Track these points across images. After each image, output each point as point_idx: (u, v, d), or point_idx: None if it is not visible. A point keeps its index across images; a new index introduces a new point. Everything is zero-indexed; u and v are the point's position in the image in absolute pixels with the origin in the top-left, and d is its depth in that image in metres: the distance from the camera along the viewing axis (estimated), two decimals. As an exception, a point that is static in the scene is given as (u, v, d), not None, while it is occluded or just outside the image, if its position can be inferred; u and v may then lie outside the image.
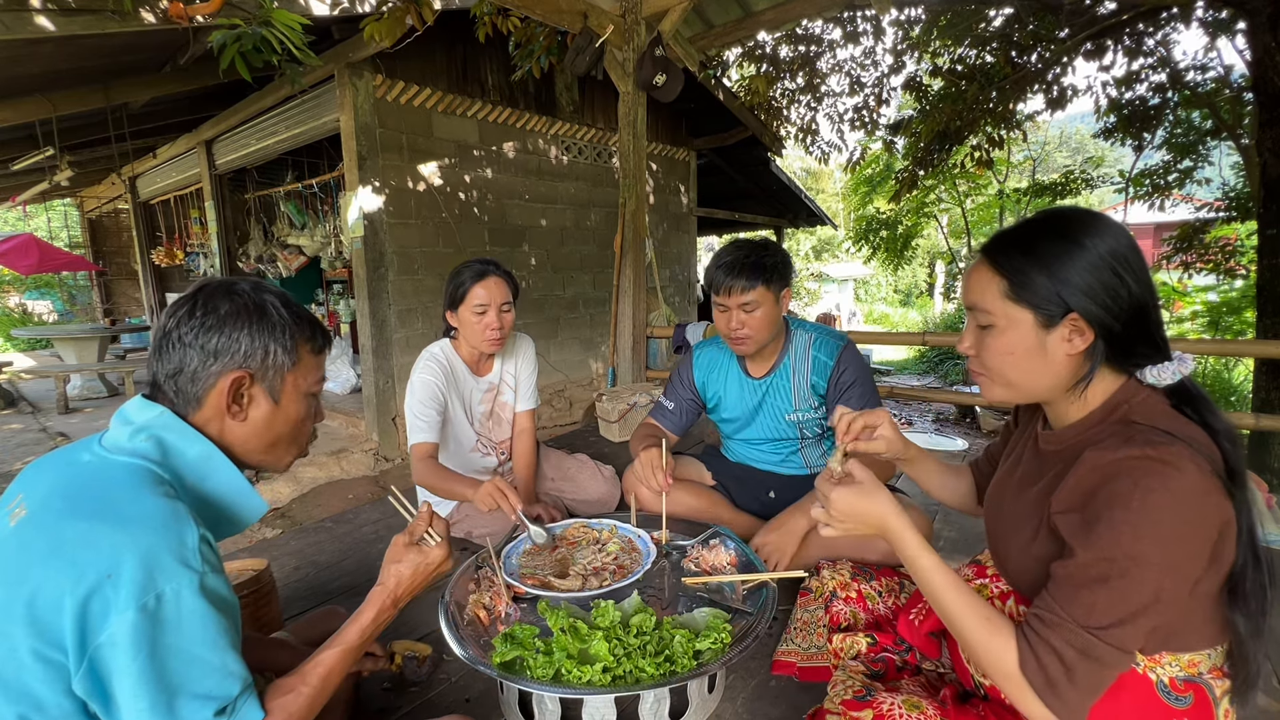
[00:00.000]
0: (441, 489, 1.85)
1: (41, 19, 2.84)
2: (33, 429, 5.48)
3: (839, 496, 0.94)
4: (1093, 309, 0.81)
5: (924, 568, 0.88)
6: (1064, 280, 0.82)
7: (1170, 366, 0.82)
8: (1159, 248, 7.39)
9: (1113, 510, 0.74)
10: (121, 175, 7.58)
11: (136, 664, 0.68)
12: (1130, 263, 0.81)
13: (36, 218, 15.47)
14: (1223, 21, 4.80)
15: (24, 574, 0.70)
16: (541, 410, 4.41)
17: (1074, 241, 0.82)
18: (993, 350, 0.89)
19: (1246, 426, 3.17)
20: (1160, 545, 0.72)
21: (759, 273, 1.67)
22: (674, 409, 2.02)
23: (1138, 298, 0.81)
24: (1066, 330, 0.84)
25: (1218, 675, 0.81)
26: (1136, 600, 0.73)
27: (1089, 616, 0.75)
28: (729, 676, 1.35)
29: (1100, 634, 0.74)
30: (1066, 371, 0.86)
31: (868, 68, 6.31)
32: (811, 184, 23.35)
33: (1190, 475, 0.72)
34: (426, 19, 2.95)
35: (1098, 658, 0.74)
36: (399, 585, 0.99)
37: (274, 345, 0.89)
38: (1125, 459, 0.75)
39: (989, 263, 0.89)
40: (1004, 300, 0.86)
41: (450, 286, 1.98)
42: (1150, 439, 0.76)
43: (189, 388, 0.86)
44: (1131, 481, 0.73)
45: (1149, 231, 15.78)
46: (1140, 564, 0.72)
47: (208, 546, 0.77)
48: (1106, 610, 0.74)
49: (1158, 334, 0.83)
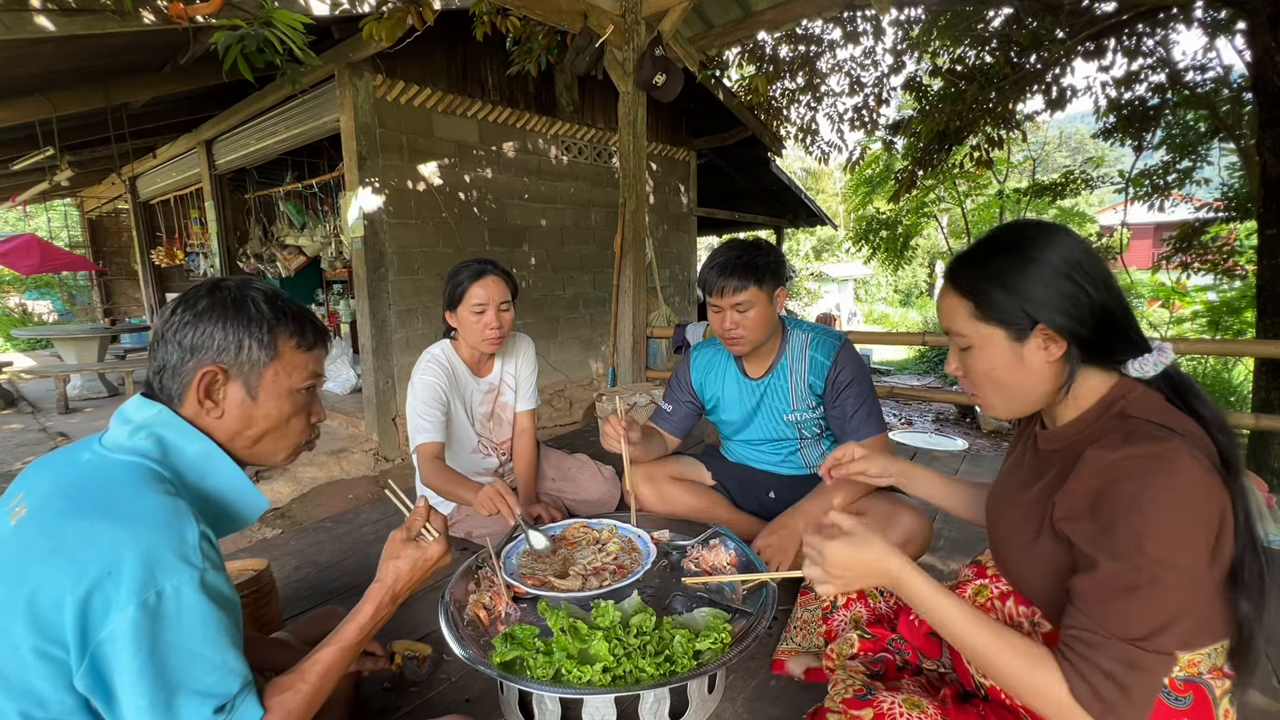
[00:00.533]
0: (444, 491, 1.86)
1: (41, 19, 2.84)
2: (33, 429, 5.48)
3: (833, 551, 0.89)
4: (1057, 318, 0.83)
5: (940, 609, 0.85)
6: (1023, 295, 0.84)
7: (1150, 358, 0.83)
8: (1159, 248, 7.40)
9: (1128, 515, 0.74)
10: (121, 175, 7.58)
11: (137, 660, 0.68)
12: (1085, 268, 0.83)
13: (36, 218, 15.47)
14: (1222, 21, 4.79)
15: (25, 572, 0.70)
16: (541, 410, 4.41)
17: (1026, 256, 0.84)
18: (976, 370, 0.91)
19: (1246, 426, 3.17)
20: (1181, 544, 0.72)
21: (751, 273, 1.67)
22: (672, 412, 2.02)
23: (1098, 301, 0.82)
24: (1039, 340, 0.85)
25: (1217, 675, 0.81)
26: (1172, 604, 0.73)
27: (1128, 629, 0.74)
28: (729, 676, 1.35)
29: (1143, 644, 0.73)
30: (1050, 378, 0.87)
31: (867, 68, 6.30)
32: (811, 184, 23.36)
33: (1191, 470, 0.73)
34: (427, 19, 2.95)
35: (1147, 669, 0.74)
36: (397, 581, 0.98)
37: (248, 340, 0.88)
38: (1126, 459, 0.75)
39: (952, 287, 0.91)
40: (974, 321, 0.89)
41: (448, 287, 1.98)
42: (1149, 434, 0.76)
43: (171, 384, 0.87)
44: (1138, 484, 0.74)
45: (1149, 231, 15.80)
46: (1168, 567, 0.72)
47: (208, 544, 0.77)
48: (1144, 619, 0.73)
49: (1130, 330, 0.84)
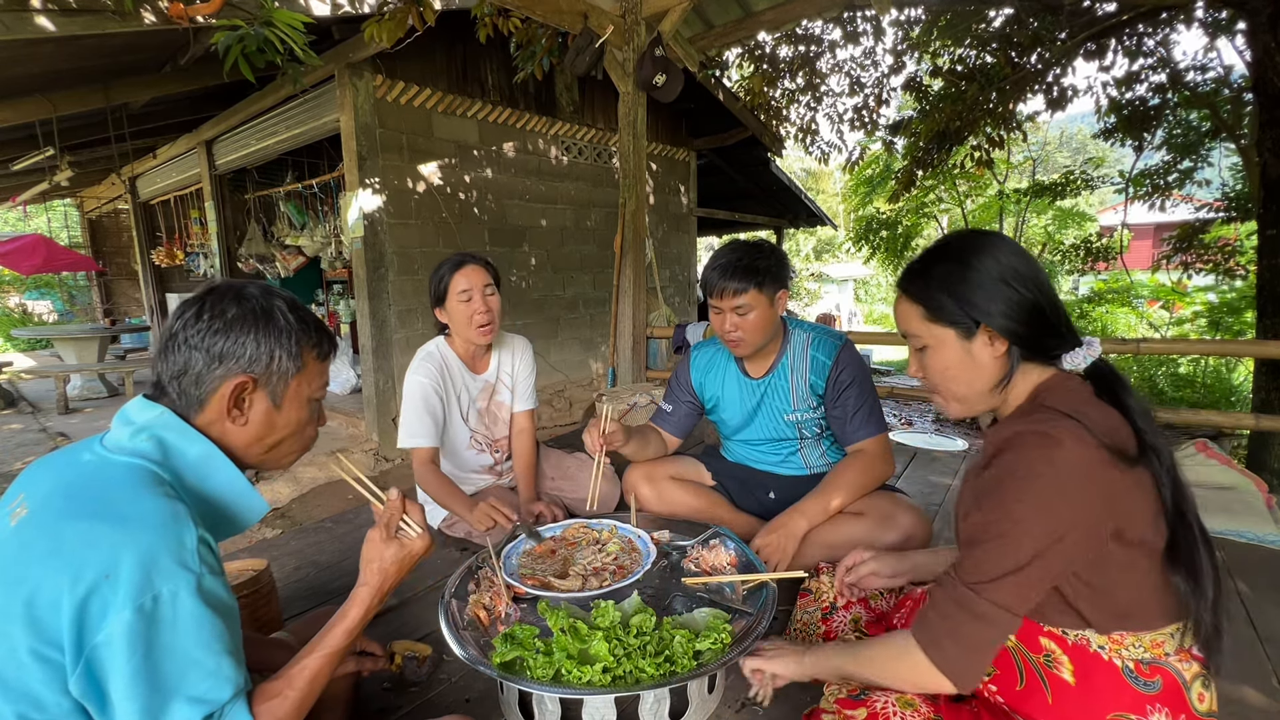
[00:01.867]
0: (440, 502, 1.89)
1: (41, 19, 2.84)
2: (33, 429, 5.48)
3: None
4: (995, 319, 0.90)
5: (832, 665, 1.00)
6: (963, 298, 0.92)
7: (1080, 352, 0.90)
8: (1159, 248, 7.39)
9: (1000, 479, 0.82)
10: (121, 175, 7.58)
11: (130, 664, 0.68)
12: (1019, 270, 0.90)
13: (36, 218, 15.45)
14: (1222, 22, 4.80)
15: (24, 573, 0.70)
16: (541, 410, 4.41)
17: (963, 263, 0.92)
18: (933, 369, 0.98)
19: (1246, 427, 3.18)
20: (1038, 511, 0.78)
21: (751, 275, 1.66)
22: (673, 412, 2.02)
23: (1031, 301, 0.90)
24: (985, 337, 0.92)
25: (1185, 658, 0.83)
26: (1012, 559, 0.80)
27: (971, 574, 0.83)
28: (729, 677, 1.35)
29: (978, 588, 0.82)
30: (999, 373, 0.93)
31: (867, 68, 6.31)
32: (811, 184, 23.35)
33: (1071, 449, 0.78)
34: (427, 19, 2.95)
35: (979, 614, 0.82)
36: (384, 583, 0.96)
37: (279, 351, 0.89)
38: (1014, 434, 0.83)
39: (904, 293, 1.00)
40: (926, 323, 0.96)
41: (432, 284, 1.99)
42: (1046, 418, 0.83)
43: (192, 390, 0.86)
44: (1016, 454, 0.81)
45: (1149, 232, 15.77)
46: (1017, 525, 0.79)
47: (207, 548, 0.77)
48: (985, 567, 0.82)
49: (1061, 326, 0.91)
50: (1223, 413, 3.56)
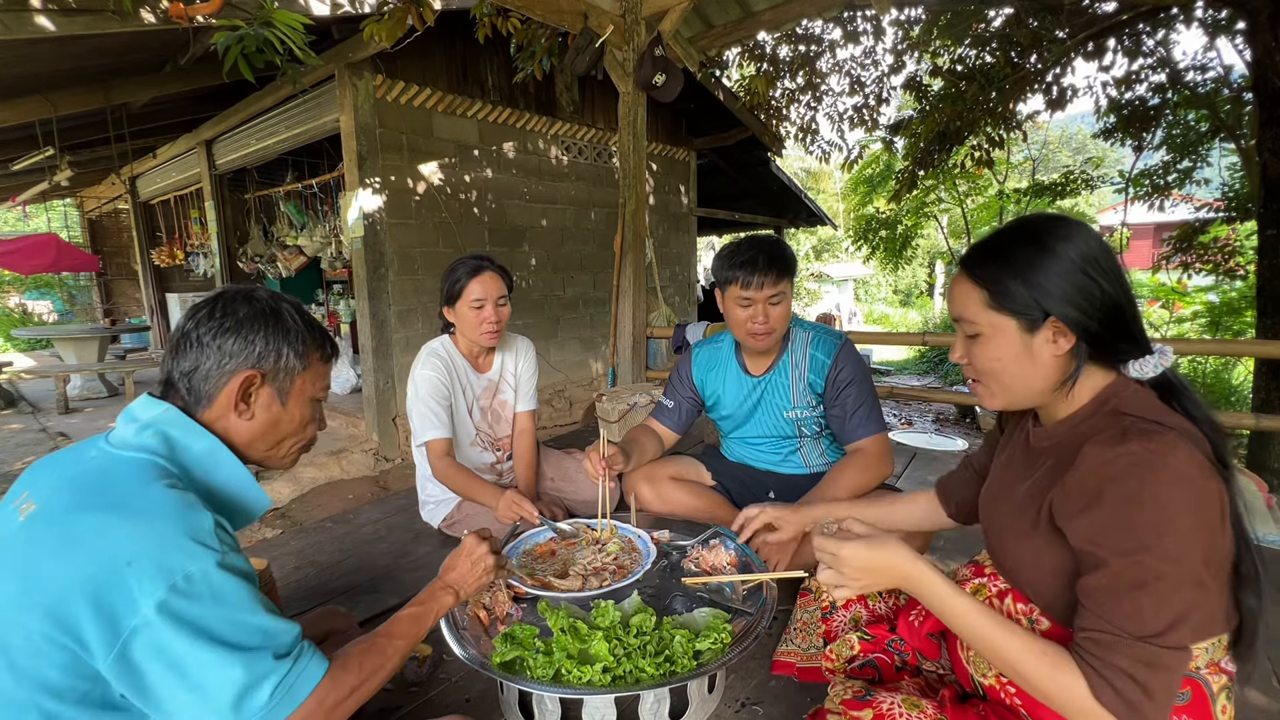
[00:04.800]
0: (464, 492, 1.93)
1: (41, 19, 2.84)
2: (33, 429, 5.48)
3: (851, 553, 0.87)
4: (1070, 312, 0.83)
5: (960, 613, 0.84)
6: (1039, 286, 0.84)
7: (1151, 360, 0.84)
8: (1159, 248, 7.39)
9: (1129, 512, 0.74)
10: (121, 175, 7.58)
11: (180, 639, 0.70)
12: (1101, 264, 0.83)
13: (36, 218, 15.43)
14: (1222, 21, 4.80)
15: (36, 566, 0.71)
16: (541, 410, 4.40)
17: (1045, 248, 0.84)
18: (982, 358, 0.91)
19: (1246, 426, 3.17)
20: (1185, 538, 0.72)
21: (786, 265, 1.71)
22: (673, 407, 2.03)
23: (1111, 297, 0.83)
24: (1049, 333, 0.85)
25: (1214, 670, 0.82)
26: (1182, 598, 0.72)
27: (1141, 626, 0.73)
28: (729, 676, 1.35)
29: (1158, 641, 0.73)
30: (1055, 372, 0.87)
31: (867, 67, 6.31)
32: (811, 184, 23.34)
33: (1189, 464, 0.73)
34: (427, 19, 2.95)
35: (1166, 666, 0.73)
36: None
37: (287, 349, 0.93)
38: (1124, 455, 0.75)
39: (968, 275, 0.91)
40: (986, 310, 0.89)
41: (446, 283, 2.01)
42: (1144, 430, 0.77)
43: (202, 385, 0.90)
44: (1138, 480, 0.74)
45: (1149, 231, 15.79)
46: (1174, 561, 0.72)
47: (223, 530, 0.80)
48: (1155, 616, 0.73)
49: (1135, 330, 0.85)
50: (1223, 413, 3.57)
